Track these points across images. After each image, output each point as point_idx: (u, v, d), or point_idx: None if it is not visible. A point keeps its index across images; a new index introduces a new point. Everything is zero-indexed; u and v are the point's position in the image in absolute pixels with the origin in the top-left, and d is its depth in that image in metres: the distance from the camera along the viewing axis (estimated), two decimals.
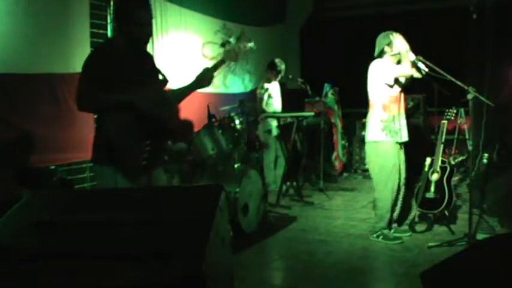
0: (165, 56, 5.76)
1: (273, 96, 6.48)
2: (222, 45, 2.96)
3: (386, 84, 4.30)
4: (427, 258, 3.96)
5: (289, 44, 8.65)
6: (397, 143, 4.40)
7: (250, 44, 2.95)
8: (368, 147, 4.54)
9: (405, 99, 4.61)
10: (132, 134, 2.73)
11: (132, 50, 2.87)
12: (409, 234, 4.57)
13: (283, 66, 6.46)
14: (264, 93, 6.36)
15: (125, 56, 2.83)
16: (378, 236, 4.45)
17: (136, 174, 2.80)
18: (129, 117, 2.70)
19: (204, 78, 2.92)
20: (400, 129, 4.40)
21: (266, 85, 6.41)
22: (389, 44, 4.36)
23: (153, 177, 2.92)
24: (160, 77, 2.94)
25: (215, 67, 2.92)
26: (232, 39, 2.87)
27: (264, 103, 6.37)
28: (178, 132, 4.96)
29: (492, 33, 5.71)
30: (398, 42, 4.32)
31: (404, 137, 4.46)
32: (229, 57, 2.94)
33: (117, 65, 2.76)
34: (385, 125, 4.33)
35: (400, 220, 4.76)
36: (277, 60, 6.46)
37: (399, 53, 4.31)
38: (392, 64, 4.35)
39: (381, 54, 4.41)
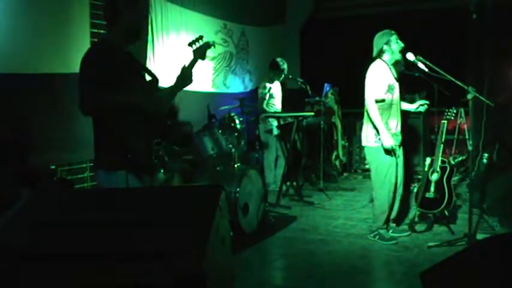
0: (166, 56, 5.76)
1: (275, 96, 6.47)
2: (189, 44, 3.07)
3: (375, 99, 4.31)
4: (427, 258, 3.96)
5: (289, 44, 8.65)
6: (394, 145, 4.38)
7: (210, 43, 3.14)
8: (365, 150, 4.56)
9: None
10: (143, 134, 2.75)
11: (126, 48, 2.85)
12: (407, 234, 4.57)
13: (285, 66, 6.44)
14: (266, 93, 6.35)
15: (122, 54, 2.81)
16: (374, 236, 4.46)
17: (148, 174, 2.81)
18: (138, 117, 2.70)
19: (185, 76, 2.97)
20: (396, 133, 4.37)
21: (268, 85, 6.39)
22: (387, 43, 4.35)
23: (156, 177, 2.95)
24: (149, 77, 2.94)
25: (191, 65, 3.00)
26: (198, 38, 3.06)
27: (265, 103, 6.36)
28: (176, 134, 4.99)
29: (492, 33, 5.71)
30: (394, 42, 4.33)
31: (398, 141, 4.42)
32: (198, 56, 3.05)
33: (117, 64, 2.72)
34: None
35: (400, 220, 4.76)
36: (279, 60, 6.44)
37: (396, 53, 4.32)
38: (382, 82, 4.31)
39: (380, 53, 4.39)
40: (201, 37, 3.11)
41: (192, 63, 3.01)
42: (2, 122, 3.90)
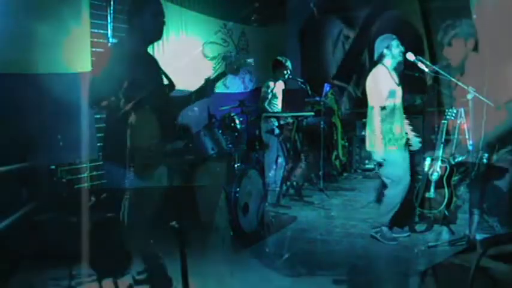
0: (165, 56, 5.76)
1: (278, 96, 6.44)
2: (224, 58, 3.03)
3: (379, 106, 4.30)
4: (427, 258, 3.96)
5: (289, 44, 8.65)
6: (401, 148, 4.37)
7: (250, 60, 3.09)
8: (374, 154, 4.52)
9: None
10: (150, 134, 2.77)
11: (143, 49, 2.87)
12: (407, 234, 4.57)
13: (288, 63, 6.39)
14: (268, 92, 6.32)
15: (137, 56, 2.83)
16: (376, 232, 4.45)
17: (150, 172, 2.82)
18: (146, 117, 2.72)
19: (206, 88, 2.98)
20: (399, 137, 4.37)
21: (271, 84, 6.35)
22: (388, 47, 4.35)
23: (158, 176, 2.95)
24: (166, 81, 2.95)
25: (217, 78, 2.99)
26: (233, 53, 2.98)
27: (266, 102, 6.33)
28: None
29: (492, 33, 5.70)
30: (395, 47, 4.32)
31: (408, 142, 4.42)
32: (230, 70, 3.02)
33: (128, 66, 2.74)
34: (384, 135, 4.31)
35: (400, 220, 4.76)
36: (280, 58, 6.40)
37: (397, 57, 4.32)
38: (384, 88, 4.30)
39: (380, 57, 4.39)
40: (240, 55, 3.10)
41: (219, 77, 2.99)
42: (2, 122, 3.90)
